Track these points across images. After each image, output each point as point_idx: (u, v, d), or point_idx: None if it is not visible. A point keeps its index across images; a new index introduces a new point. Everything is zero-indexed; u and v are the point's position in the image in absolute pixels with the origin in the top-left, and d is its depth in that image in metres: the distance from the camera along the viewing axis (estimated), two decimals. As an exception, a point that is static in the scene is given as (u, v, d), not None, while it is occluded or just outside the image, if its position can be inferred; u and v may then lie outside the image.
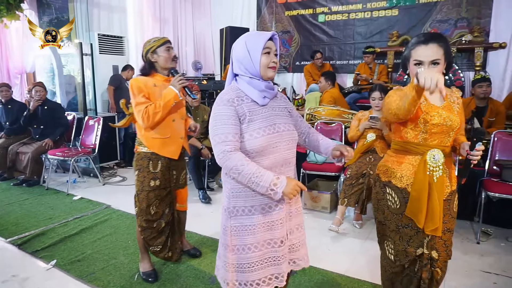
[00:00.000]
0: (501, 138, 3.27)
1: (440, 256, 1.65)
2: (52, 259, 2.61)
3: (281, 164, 1.48)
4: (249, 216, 1.48)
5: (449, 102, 1.63)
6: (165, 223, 2.39)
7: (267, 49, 1.45)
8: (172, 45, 2.30)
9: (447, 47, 1.55)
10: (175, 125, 2.30)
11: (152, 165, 2.27)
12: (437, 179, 1.57)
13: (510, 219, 3.21)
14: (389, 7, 5.78)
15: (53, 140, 4.57)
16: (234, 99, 1.45)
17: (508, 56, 5.00)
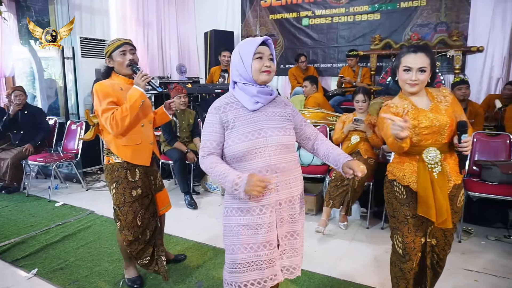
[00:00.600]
0: (480, 139, 3.36)
1: (438, 243, 1.79)
2: (33, 268, 2.54)
3: (265, 170, 1.48)
4: (235, 216, 1.53)
5: (436, 103, 1.73)
6: (150, 233, 2.25)
7: (259, 54, 1.49)
8: (131, 47, 2.11)
9: (433, 59, 1.70)
10: (144, 130, 2.16)
11: (130, 174, 2.12)
12: (438, 175, 1.68)
13: (489, 218, 3.30)
14: (371, 11, 5.89)
15: (34, 145, 4.47)
16: (222, 107, 1.52)
17: (485, 59, 5.16)
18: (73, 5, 5.56)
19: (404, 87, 1.75)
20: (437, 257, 1.83)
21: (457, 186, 1.75)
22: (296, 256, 1.63)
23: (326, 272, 2.49)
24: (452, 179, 1.72)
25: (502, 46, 5.03)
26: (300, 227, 1.62)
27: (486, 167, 3.06)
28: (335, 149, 1.63)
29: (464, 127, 1.62)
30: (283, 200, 1.54)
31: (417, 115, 1.70)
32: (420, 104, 1.74)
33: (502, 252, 2.81)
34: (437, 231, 1.78)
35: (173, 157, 3.98)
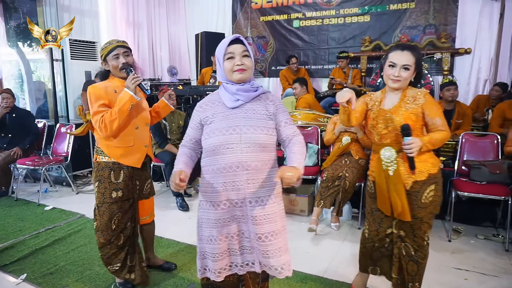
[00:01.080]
0: (469, 139, 3.41)
1: (407, 235, 1.89)
2: (22, 273, 2.49)
3: (236, 166, 1.51)
4: (205, 210, 1.63)
5: (400, 104, 1.82)
6: (125, 238, 2.19)
7: (229, 54, 1.54)
8: (125, 49, 2.10)
9: (419, 58, 1.78)
10: (139, 133, 2.14)
11: (114, 175, 2.11)
12: (393, 172, 1.80)
13: (478, 217, 3.35)
14: (361, 13, 5.94)
15: (22, 148, 4.40)
16: (204, 104, 1.63)
17: (472, 61, 5.24)
18: (62, 6, 5.49)
19: (387, 82, 1.84)
20: (411, 247, 1.90)
21: (420, 182, 1.81)
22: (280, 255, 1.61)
23: (318, 272, 2.50)
24: (410, 176, 1.80)
25: (489, 48, 5.12)
26: (279, 227, 1.61)
27: (474, 167, 3.11)
28: (292, 156, 1.56)
29: (406, 130, 1.70)
30: (253, 198, 1.55)
31: (378, 115, 1.84)
32: (388, 102, 1.86)
33: (491, 251, 2.85)
34: (403, 224, 1.88)
35: (164, 159, 3.96)
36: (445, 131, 1.77)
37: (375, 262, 2.08)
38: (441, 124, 1.78)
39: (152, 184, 2.42)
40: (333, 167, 3.23)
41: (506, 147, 3.09)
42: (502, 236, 3.05)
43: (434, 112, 1.78)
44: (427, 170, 1.81)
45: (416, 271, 1.91)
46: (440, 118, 1.78)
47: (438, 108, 1.80)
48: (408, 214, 1.80)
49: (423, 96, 1.79)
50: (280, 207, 1.65)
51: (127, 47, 2.13)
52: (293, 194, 3.72)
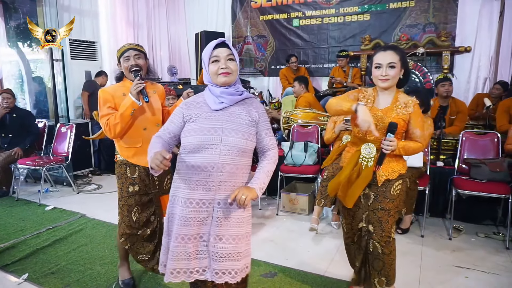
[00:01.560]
0: (469, 138, 3.41)
1: (375, 230, 1.94)
2: (24, 273, 2.50)
3: (211, 166, 1.53)
4: (172, 205, 1.63)
5: (393, 107, 1.88)
6: (151, 231, 2.28)
7: (214, 58, 1.57)
8: (137, 52, 2.15)
9: (403, 56, 1.85)
10: (147, 134, 2.13)
11: (130, 170, 2.19)
12: (365, 168, 1.88)
13: (479, 215, 3.35)
14: (361, 12, 5.93)
15: (23, 148, 4.40)
16: (189, 103, 1.64)
17: (472, 59, 5.24)
18: (62, 6, 5.49)
19: (377, 83, 1.89)
20: (378, 244, 1.94)
21: (389, 180, 1.91)
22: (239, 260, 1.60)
23: (319, 271, 2.51)
24: (384, 174, 1.89)
25: (489, 46, 5.12)
26: (243, 232, 1.62)
27: (475, 165, 3.11)
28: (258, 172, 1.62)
29: (393, 127, 1.77)
30: (223, 200, 1.57)
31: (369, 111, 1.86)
32: (380, 102, 1.92)
33: (491, 249, 2.85)
34: (371, 217, 1.94)
35: (165, 159, 3.96)
36: (420, 143, 1.89)
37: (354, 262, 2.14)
38: (419, 135, 1.88)
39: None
40: (334, 166, 3.23)
41: (507, 145, 3.09)
42: (502, 234, 3.05)
43: (417, 123, 1.87)
44: (398, 170, 1.91)
45: (382, 266, 1.96)
46: (420, 130, 1.88)
47: (421, 120, 1.91)
48: (352, 202, 1.92)
49: (413, 105, 1.87)
50: (248, 213, 1.65)
51: (140, 50, 2.18)
52: (294, 193, 3.73)
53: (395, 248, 1.98)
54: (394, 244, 1.97)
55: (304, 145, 3.71)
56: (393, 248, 1.96)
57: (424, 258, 2.71)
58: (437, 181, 3.42)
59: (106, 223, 3.32)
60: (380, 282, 1.98)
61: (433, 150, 3.57)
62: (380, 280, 1.97)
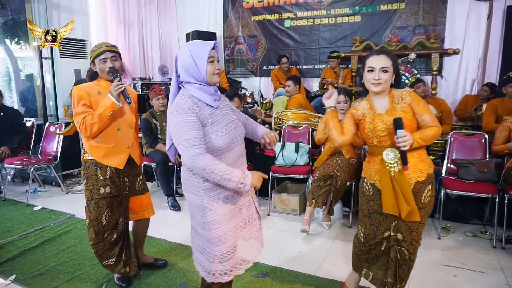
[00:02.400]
0: (457, 138, 3.47)
1: (404, 238, 1.88)
2: (11, 274, 2.46)
3: (240, 155, 1.69)
4: (224, 205, 1.62)
5: (393, 105, 1.86)
6: (118, 234, 2.25)
7: (211, 58, 1.59)
8: (113, 54, 2.13)
9: (395, 61, 1.85)
10: (121, 134, 2.17)
11: (101, 172, 2.15)
12: (395, 173, 1.80)
13: (467, 215, 3.41)
14: (352, 13, 5.98)
15: (11, 148, 4.32)
16: (194, 106, 1.57)
17: (461, 61, 5.32)
18: (51, 3, 5.40)
19: (369, 87, 1.88)
20: (406, 251, 1.89)
21: (421, 182, 1.83)
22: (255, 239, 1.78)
23: (310, 271, 2.52)
24: (413, 176, 1.81)
25: (477, 48, 5.20)
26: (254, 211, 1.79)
27: (463, 165, 3.16)
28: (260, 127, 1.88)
29: (398, 122, 1.73)
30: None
31: (373, 119, 1.86)
32: (379, 107, 1.89)
33: (479, 248, 2.90)
34: (401, 226, 1.87)
35: (155, 159, 3.94)
36: (435, 126, 1.81)
37: (370, 265, 2.07)
38: (430, 120, 1.82)
39: (145, 181, 2.44)
40: (325, 166, 3.25)
41: (494, 146, 3.15)
42: (489, 233, 3.10)
43: (421, 109, 1.83)
44: (426, 170, 1.84)
45: (406, 273, 1.94)
46: (428, 114, 1.83)
47: (424, 105, 1.85)
48: (417, 213, 1.79)
49: (408, 94, 1.85)
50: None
51: (116, 51, 2.17)
52: (285, 194, 3.73)
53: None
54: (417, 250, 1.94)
55: (296, 146, 3.72)
56: (416, 254, 1.94)
57: (414, 257, 2.74)
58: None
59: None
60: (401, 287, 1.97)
61: (422, 150, 3.61)
62: (401, 286, 1.96)
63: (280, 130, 4.17)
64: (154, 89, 3.99)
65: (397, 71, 1.87)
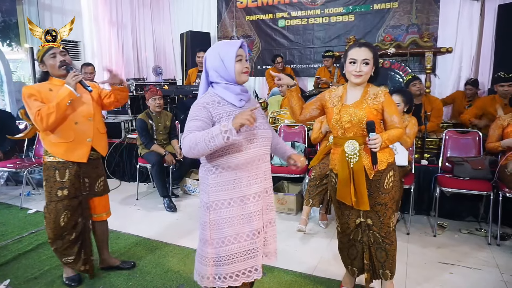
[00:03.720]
0: (452, 136, 3.49)
1: (374, 222, 1.99)
2: (5, 279, 2.43)
3: (258, 159, 1.62)
4: (228, 208, 1.59)
5: (362, 99, 1.93)
6: (77, 234, 2.29)
7: (239, 57, 1.61)
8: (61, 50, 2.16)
9: (376, 54, 1.91)
10: (79, 127, 2.18)
11: (59, 174, 2.18)
12: (354, 164, 1.90)
13: (462, 212, 3.43)
14: (346, 12, 6.00)
15: (3, 151, 4.28)
16: (209, 103, 1.60)
17: (454, 60, 5.37)
18: (43, 5, 5.37)
19: (350, 78, 1.94)
20: (378, 235, 2.00)
21: (382, 171, 1.94)
22: (275, 242, 1.79)
23: (307, 271, 2.52)
24: (372, 167, 1.91)
25: (470, 47, 5.25)
26: (274, 215, 1.78)
27: (457, 163, 3.18)
28: (284, 145, 1.89)
29: (371, 126, 1.81)
30: (268, 187, 1.71)
31: (340, 109, 1.94)
32: (350, 98, 1.96)
33: (474, 245, 2.92)
34: (369, 212, 1.97)
35: (150, 160, 3.92)
36: (400, 128, 1.93)
37: (352, 261, 2.14)
38: (397, 121, 1.93)
39: (106, 182, 2.45)
40: (321, 165, 3.25)
41: (488, 144, 3.17)
42: (484, 230, 3.12)
43: (392, 111, 1.92)
44: (386, 160, 1.94)
45: (385, 257, 2.01)
46: (397, 116, 1.93)
47: (395, 107, 1.96)
48: (367, 203, 1.91)
49: (383, 94, 1.92)
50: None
51: (63, 49, 2.20)
52: (281, 193, 3.73)
53: (396, 239, 2.03)
54: (394, 235, 2.03)
55: (291, 145, 3.72)
56: (394, 239, 2.02)
57: (410, 255, 2.76)
58: (422, 179, 3.48)
59: (91, 226, 3.25)
60: (385, 275, 2.03)
61: (417, 149, 3.63)
62: (385, 273, 2.03)
63: (276, 129, 4.17)
64: (151, 90, 3.97)
65: (377, 64, 1.94)
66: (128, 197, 4.25)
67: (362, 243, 2.06)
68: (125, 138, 4.93)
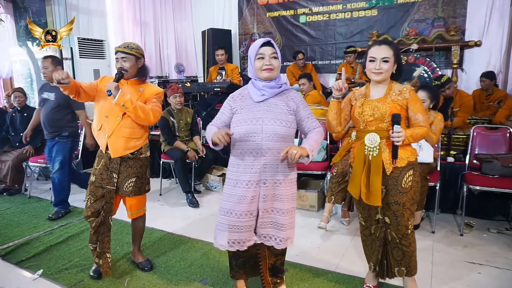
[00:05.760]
0: (480, 133, 3.39)
1: (391, 222, 1.95)
2: (38, 269, 2.54)
3: (256, 152, 1.82)
4: (229, 186, 1.90)
5: (386, 95, 1.91)
6: (97, 224, 2.34)
7: (260, 55, 1.81)
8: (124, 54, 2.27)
9: (397, 51, 1.91)
10: (106, 121, 2.29)
11: (97, 161, 2.39)
12: (373, 157, 1.88)
13: (491, 211, 3.33)
14: (369, 7, 5.89)
15: (34, 147, 4.45)
16: (235, 96, 1.92)
17: (483, 54, 5.17)
18: (71, 5, 5.54)
19: (370, 76, 1.93)
20: (395, 235, 1.96)
21: (401, 168, 1.89)
22: (282, 230, 1.91)
23: (330, 267, 2.51)
24: (390, 162, 1.88)
25: (500, 40, 5.04)
26: (286, 207, 1.91)
27: (486, 160, 3.08)
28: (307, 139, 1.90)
29: (397, 118, 1.79)
30: (268, 180, 1.86)
31: (363, 103, 1.94)
32: (374, 94, 1.96)
33: (503, 245, 2.83)
34: (387, 210, 1.95)
35: (173, 156, 3.99)
36: (425, 127, 1.89)
37: (371, 255, 2.13)
38: (422, 120, 1.89)
39: (139, 184, 2.40)
40: (343, 162, 3.22)
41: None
42: (514, 230, 3.03)
43: (417, 108, 1.89)
44: (406, 158, 1.90)
45: (401, 256, 1.98)
46: (422, 114, 1.89)
47: (420, 105, 1.92)
48: (379, 199, 1.87)
49: (408, 92, 1.89)
50: (292, 191, 1.94)
51: (127, 52, 2.28)
52: (303, 190, 3.72)
53: (415, 240, 1.99)
54: (413, 236, 1.98)
55: (313, 142, 3.70)
56: (412, 240, 1.97)
57: (436, 254, 2.70)
58: (447, 176, 3.40)
59: (117, 220, 3.34)
60: (400, 272, 2.01)
61: (443, 145, 3.55)
62: (400, 270, 2.00)
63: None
64: (172, 88, 4.03)
65: (399, 62, 1.92)
66: (152, 193, 4.32)
67: (380, 239, 2.04)
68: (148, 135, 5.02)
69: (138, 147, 2.37)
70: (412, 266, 2.01)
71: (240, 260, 2.05)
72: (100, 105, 2.31)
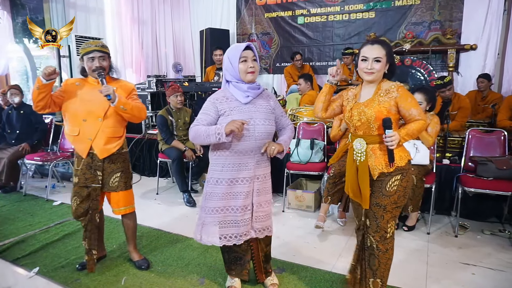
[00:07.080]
0: (475, 135, 3.42)
1: (371, 224, 1.93)
2: (34, 267, 2.53)
3: (251, 151, 1.94)
4: (216, 185, 1.99)
5: (374, 97, 1.87)
6: (85, 222, 2.38)
7: (243, 58, 1.89)
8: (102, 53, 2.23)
9: (389, 50, 1.87)
10: (85, 125, 2.25)
11: (76, 162, 2.35)
12: (360, 163, 1.90)
13: (485, 213, 3.36)
14: (366, 9, 5.93)
15: (30, 144, 4.43)
16: (219, 98, 1.94)
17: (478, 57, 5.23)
18: (68, 3, 5.52)
19: (362, 76, 1.90)
20: (373, 238, 1.92)
21: (386, 173, 1.86)
22: (268, 219, 2.10)
23: (326, 267, 2.53)
24: (377, 168, 1.86)
25: (495, 43, 5.11)
26: (268, 198, 2.10)
27: (481, 163, 3.11)
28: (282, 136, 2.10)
29: (387, 123, 1.76)
30: (260, 175, 2.03)
31: (352, 107, 1.92)
32: (363, 95, 1.93)
33: (497, 246, 2.87)
34: (368, 212, 1.94)
35: (171, 155, 3.99)
36: (421, 119, 1.82)
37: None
38: (417, 114, 1.82)
39: (124, 179, 2.42)
40: (340, 163, 3.24)
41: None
42: (508, 231, 3.07)
43: (408, 104, 1.82)
44: (395, 163, 1.85)
45: (377, 265, 1.91)
46: (415, 108, 1.82)
47: (412, 99, 1.84)
48: (367, 202, 1.89)
49: (396, 89, 1.83)
50: (270, 182, 2.12)
51: (105, 51, 2.27)
52: (300, 191, 3.74)
53: (393, 248, 1.92)
54: (391, 242, 1.91)
55: (310, 143, 3.72)
56: (389, 247, 1.90)
57: (431, 254, 2.73)
58: (443, 178, 3.43)
59: (113, 219, 3.33)
60: (375, 284, 1.93)
61: (439, 148, 3.58)
62: (375, 282, 1.93)
63: (295, 127, 4.17)
64: (173, 87, 4.03)
65: (392, 61, 1.89)
66: (149, 192, 4.34)
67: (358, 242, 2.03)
68: (146, 134, 5.03)
69: (121, 144, 2.41)
70: (386, 277, 1.94)
71: (233, 254, 2.16)
72: (74, 109, 2.24)
